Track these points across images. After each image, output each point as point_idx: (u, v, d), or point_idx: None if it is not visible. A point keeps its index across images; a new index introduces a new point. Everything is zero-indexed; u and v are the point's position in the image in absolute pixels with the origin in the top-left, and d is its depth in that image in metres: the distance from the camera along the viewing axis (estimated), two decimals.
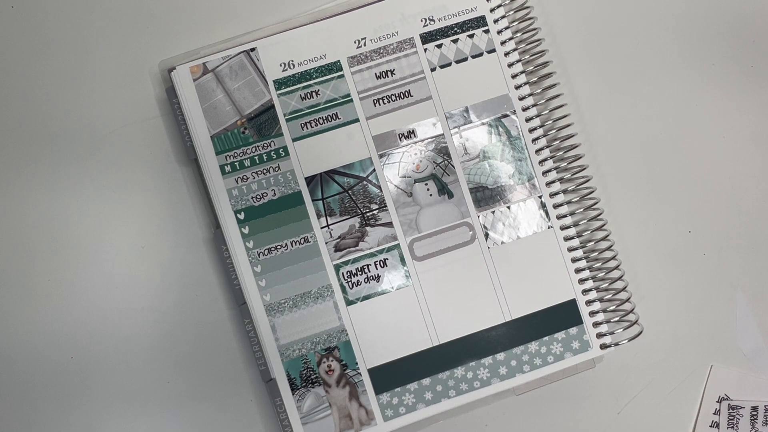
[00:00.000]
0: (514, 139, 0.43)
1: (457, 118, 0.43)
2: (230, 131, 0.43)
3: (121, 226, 0.44)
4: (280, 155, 0.43)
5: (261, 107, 0.43)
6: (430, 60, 0.43)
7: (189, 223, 0.44)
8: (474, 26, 0.44)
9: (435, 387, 0.42)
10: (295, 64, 0.43)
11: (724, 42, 0.47)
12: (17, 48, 0.45)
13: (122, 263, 0.44)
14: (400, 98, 0.43)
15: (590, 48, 0.46)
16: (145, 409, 0.44)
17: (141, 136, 0.45)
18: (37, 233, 0.44)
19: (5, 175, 0.44)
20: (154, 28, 0.45)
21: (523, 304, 0.43)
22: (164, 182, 0.45)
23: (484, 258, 0.43)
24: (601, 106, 0.46)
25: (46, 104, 0.45)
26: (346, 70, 0.43)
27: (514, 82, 0.43)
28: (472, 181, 0.43)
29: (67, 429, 0.44)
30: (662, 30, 0.47)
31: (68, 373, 0.44)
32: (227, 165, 0.43)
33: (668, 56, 0.47)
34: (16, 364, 0.43)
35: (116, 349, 0.44)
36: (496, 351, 0.42)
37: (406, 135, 0.43)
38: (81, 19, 0.45)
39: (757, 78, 0.46)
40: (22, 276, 0.44)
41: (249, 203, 0.43)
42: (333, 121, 0.43)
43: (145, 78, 0.45)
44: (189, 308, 0.44)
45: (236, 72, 0.43)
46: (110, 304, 0.44)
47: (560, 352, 0.43)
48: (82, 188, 0.44)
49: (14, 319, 0.44)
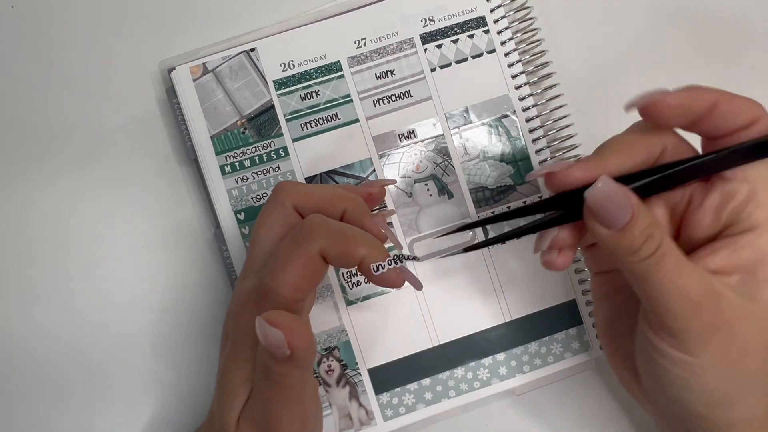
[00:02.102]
0: (514, 140, 0.43)
1: (457, 118, 0.43)
2: (230, 131, 0.43)
3: (121, 226, 0.44)
4: (280, 155, 0.43)
5: (261, 107, 0.43)
6: (430, 60, 0.43)
7: (189, 223, 0.44)
8: (474, 26, 0.44)
9: (435, 387, 0.42)
10: (295, 65, 0.43)
11: (724, 42, 0.47)
12: (17, 48, 0.45)
13: (122, 263, 0.44)
14: (400, 98, 0.43)
15: (590, 48, 0.46)
16: (145, 409, 0.44)
17: (141, 136, 0.45)
18: (37, 233, 0.44)
19: (5, 175, 0.44)
20: (154, 28, 0.45)
21: (523, 305, 0.43)
22: (164, 182, 0.45)
23: (484, 258, 0.43)
24: (600, 106, 0.46)
25: (46, 104, 0.45)
26: (346, 71, 0.43)
27: (514, 82, 0.43)
28: (472, 182, 0.43)
29: (67, 429, 0.44)
30: (662, 30, 0.47)
31: (68, 373, 0.44)
32: (227, 165, 0.43)
33: (668, 56, 0.47)
34: (16, 363, 0.43)
35: (116, 349, 0.44)
36: (496, 351, 0.42)
37: (406, 135, 0.43)
38: (81, 20, 0.45)
39: (757, 78, 0.46)
40: (21, 276, 0.44)
41: (249, 203, 0.43)
42: (333, 122, 0.43)
43: (145, 78, 0.45)
44: (189, 308, 0.44)
45: (236, 72, 0.43)
46: (110, 304, 0.44)
47: (560, 353, 0.43)
48: (81, 188, 0.44)
49: (14, 319, 0.44)
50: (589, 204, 0.29)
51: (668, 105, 0.30)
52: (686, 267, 0.28)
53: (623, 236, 0.28)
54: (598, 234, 0.29)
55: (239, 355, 0.33)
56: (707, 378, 0.29)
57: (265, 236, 0.35)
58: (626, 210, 0.28)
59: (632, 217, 0.28)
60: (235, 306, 0.34)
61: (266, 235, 0.35)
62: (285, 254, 0.32)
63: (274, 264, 0.32)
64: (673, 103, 0.30)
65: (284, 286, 0.31)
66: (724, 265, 0.29)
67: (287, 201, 0.34)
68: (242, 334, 0.33)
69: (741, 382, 0.29)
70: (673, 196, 0.32)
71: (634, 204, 0.28)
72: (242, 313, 0.33)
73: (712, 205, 0.30)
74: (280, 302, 0.32)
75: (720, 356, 0.28)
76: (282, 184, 0.35)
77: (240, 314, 0.33)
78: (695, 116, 0.30)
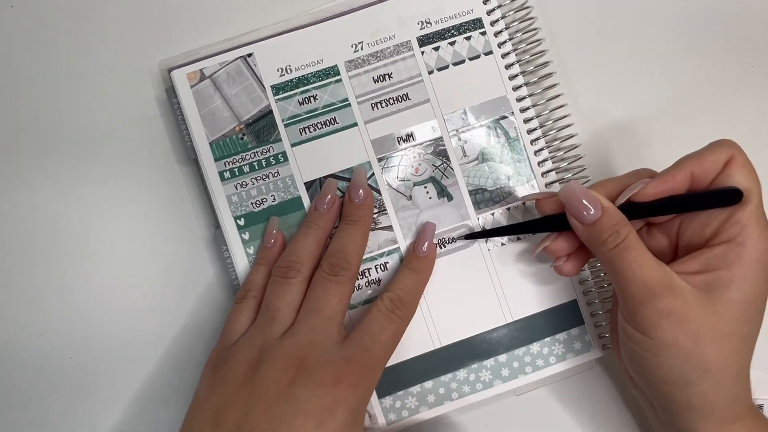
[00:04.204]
0: (513, 141, 0.43)
1: (456, 120, 0.43)
2: (229, 137, 0.43)
3: (121, 225, 0.44)
4: (279, 160, 0.43)
5: (259, 113, 0.43)
6: (428, 63, 0.43)
7: (189, 223, 0.45)
8: (471, 28, 0.43)
9: (438, 390, 0.42)
10: (292, 69, 0.43)
11: (724, 42, 0.46)
12: (17, 48, 0.45)
13: (122, 263, 0.44)
14: (398, 101, 0.43)
15: (589, 48, 0.46)
16: (145, 409, 0.44)
17: (141, 135, 0.45)
18: (37, 233, 0.44)
19: (4, 175, 0.44)
20: (154, 28, 0.45)
21: (525, 306, 0.43)
22: (164, 182, 0.45)
23: (484, 260, 0.43)
24: (600, 106, 0.46)
25: (46, 104, 0.45)
26: (344, 74, 0.43)
27: (512, 83, 0.43)
28: (471, 184, 0.43)
29: (68, 429, 0.44)
30: (662, 30, 0.46)
31: (68, 373, 0.44)
32: (226, 171, 0.43)
33: (668, 56, 0.46)
34: (16, 363, 0.44)
35: (116, 349, 0.44)
36: (498, 353, 0.43)
37: (404, 138, 0.43)
38: (81, 19, 0.45)
39: (757, 78, 0.46)
40: (21, 276, 0.44)
41: (249, 209, 0.43)
42: (331, 126, 0.43)
43: (145, 78, 0.45)
44: (189, 308, 0.44)
45: (234, 78, 0.43)
46: (110, 304, 0.44)
47: (562, 353, 0.43)
48: (81, 188, 0.44)
49: (14, 319, 0.44)
50: (561, 197, 0.36)
51: (650, 195, 0.35)
52: (646, 260, 0.34)
53: (593, 229, 0.35)
54: (576, 228, 0.36)
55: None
56: (661, 357, 0.34)
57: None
58: (596, 208, 0.35)
59: (599, 216, 0.35)
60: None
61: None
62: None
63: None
64: (652, 192, 0.35)
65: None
66: (699, 267, 0.34)
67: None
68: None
69: (695, 367, 0.33)
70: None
71: (605, 206, 0.35)
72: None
73: (699, 222, 0.36)
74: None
75: (671, 339, 0.33)
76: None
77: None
78: (681, 191, 0.36)
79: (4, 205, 0.44)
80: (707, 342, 0.33)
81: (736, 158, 0.35)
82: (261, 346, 0.37)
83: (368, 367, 0.37)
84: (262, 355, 0.36)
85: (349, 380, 0.36)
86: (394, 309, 0.39)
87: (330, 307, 0.38)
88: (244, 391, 0.36)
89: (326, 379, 0.35)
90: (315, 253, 0.40)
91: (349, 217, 0.41)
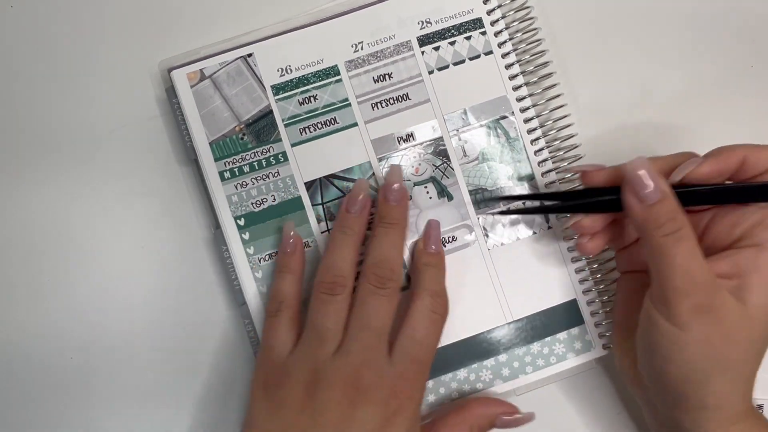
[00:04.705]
0: (513, 141, 0.43)
1: (456, 120, 0.43)
2: (229, 137, 0.43)
3: (121, 225, 0.44)
4: (279, 160, 0.43)
5: (259, 113, 0.43)
6: (428, 63, 0.43)
7: (189, 223, 0.45)
8: (471, 28, 0.43)
9: (438, 389, 0.42)
10: (292, 69, 0.43)
11: (724, 42, 0.46)
12: (17, 48, 0.45)
13: (122, 263, 0.44)
14: (398, 101, 0.43)
15: (589, 48, 0.46)
16: (145, 408, 0.44)
17: (141, 135, 0.45)
18: (37, 233, 0.44)
19: (4, 175, 0.44)
20: (154, 28, 0.45)
21: (525, 305, 0.43)
22: (164, 182, 0.45)
23: (484, 259, 0.43)
24: (600, 106, 0.46)
25: (46, 104, 0.45)
26: (344, 74, 0.43)
27: (512, 83, 0.43)
28: (471, 183, 0.43)
29: (68, 429, 0.44)
30: (662, 30, 0.46)
31: (68, 373, 0.44)
32: (226, 171, 0.43)
33: (668, 56, 0.46)
34: (16, 363, 0.44)
35: (116, 349, 0.44)
36: (499, 352, 0.43)
37: (404, 138, 0.43)
38: (80, 19, 0.45)
39: (757, 78, 0.46)
40: (21, 276, 0.44)
41: (249, 209, 0.43)
42: (331, 126, 0.43)
43: (145, 78, 0.45)
44: (189, 308, 0.44)
45: (234, 78, 0.43)
46: (110, 304, 0.44)
47: (563, 353, 0.43)
48: (81, 188, 0.44)
49: (14, 319, 0.44)
50: (625, 173, 0.35)
51: (701, 174, 0.35)
52: (697, 254, 0.33)
53: (652, 210, 0.34)
54: (632, 207, 0.34)
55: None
56: (688, 352, 0.33)
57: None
58: (657, 189, 0.34)
59: (661, 198, 0.34)
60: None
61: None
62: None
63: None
64: (706, 171, 0.35)
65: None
66: (728, 270, 0.34)
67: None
68: None
69: (718, 366, 0.33)
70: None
71: (663, 189, 0.34)
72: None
73: (730, 222, 0.36)
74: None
75: (703, 336, 0.33)
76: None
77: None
78: (727, 175, 0.35)
79: (3, 205, 0.44)
80: (735, 343, 0.33)
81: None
82: (313, 367, 0.36)
83: (420, 376, 0.37)
84: (317, 378, 0.36)
85: (405, 393, 0.36)
86: (436, 307, 0.38)
87: (380, 322, 0.37)
88: (304, 417, 0.35)
89: (384, 397, 0.35)
90: (355, 261, 0.39)
91: (386, 219, 0.40)
